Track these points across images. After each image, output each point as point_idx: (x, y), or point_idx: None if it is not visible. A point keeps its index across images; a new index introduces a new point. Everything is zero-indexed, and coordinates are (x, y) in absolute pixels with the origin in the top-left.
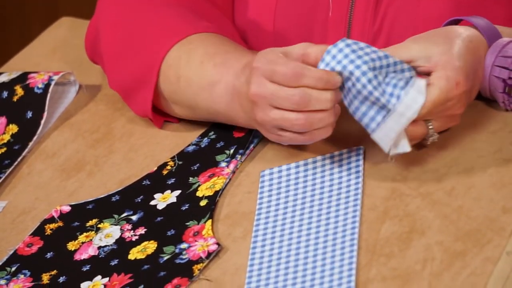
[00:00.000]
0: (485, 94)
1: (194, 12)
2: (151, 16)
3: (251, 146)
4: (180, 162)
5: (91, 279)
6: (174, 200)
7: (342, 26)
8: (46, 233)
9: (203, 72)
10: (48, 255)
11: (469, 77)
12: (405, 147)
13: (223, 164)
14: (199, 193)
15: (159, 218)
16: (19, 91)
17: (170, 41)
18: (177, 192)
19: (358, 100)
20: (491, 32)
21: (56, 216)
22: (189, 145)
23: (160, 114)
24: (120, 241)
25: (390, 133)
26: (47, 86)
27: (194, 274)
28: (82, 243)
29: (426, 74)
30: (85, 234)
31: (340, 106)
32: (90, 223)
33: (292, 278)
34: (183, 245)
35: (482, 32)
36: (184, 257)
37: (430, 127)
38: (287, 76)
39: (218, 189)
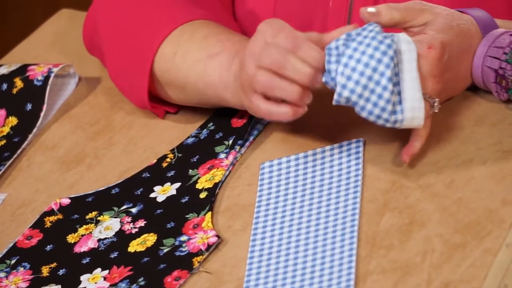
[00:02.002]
0: (480, 85)
1: (194, 2)
2: (151, 5)
3: (251, 138)
4: (179, 155)
5: (91, 272)
6: (174, 192)
7: (342, 16)
8: (46, 226)
9: (205, 45)
10: (48, 247)
11: (446, 50)
12: (420, 119)
13: (222, 156)
14: (198, 186)
15: (158, 211)
16: (19, 83)
17: (173, 24)
18: (177, 185)
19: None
20: (487, 23)
21: (55, 208)
22: (188, 137)
23: (159, 103)
24: (120, 233)
25: (415, 94)
26: (46, 78)
27: (194, 267)
28: (82, 235)
29: None
30: (84, 226)
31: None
32: (90, 215)
33: (292, 270)
34: (183, 238)
35: (478, 22)
36: (184, 249)
37: (426, 95)
38: (287, 40)
39: (217, 181)
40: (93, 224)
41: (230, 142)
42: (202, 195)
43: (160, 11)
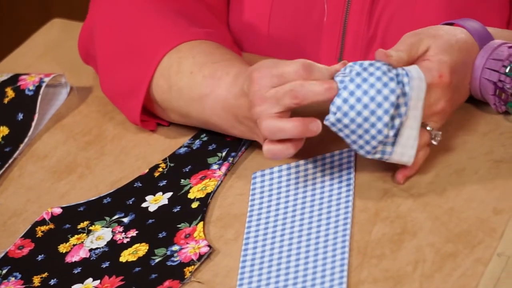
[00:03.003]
0: (476, 96)
1: (185, 17)
2: (143, 22)
3: (243, 148)
4: (171, 164)
5: (82, 282)
6: (166, 202)
7: (337, 31)
8: (37, 236)
9: (194, 83)
10: (39, 257)
11: (455, 72)
12: (410, 157)
13: (215, 167)
14: (190, 195)
15: (150, 220)
16: (10, 93)
17: (160, 51)
18: (169, 194)
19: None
20: (481, 34)
21: (47, 218)
22: (180, 147)
23: (153, 117)
24: (112, 243)
25: (412, 133)
26: (38, 88)
27: (186, 277)
28: (74, 245)
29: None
30: (76, 236)
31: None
32: (82, 225)
33: (284, 280)
34: (175, 247)
35: (473, 34)
36: (175, 259)
37: (428, 128)
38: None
39: (209, 191)
40: (84, 234)
41: (224, 154)
42: (194, 205)
43: (149, 32)
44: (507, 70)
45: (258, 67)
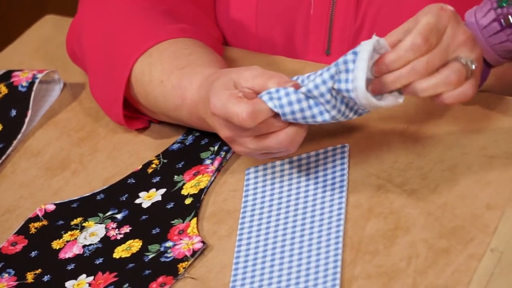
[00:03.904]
0: (491, 56)
1: (165, 13)
2: (120, 24)
3: None
4: (165, 160)
5: (75, 278)
6: (159, 198)
7: (324, 24)
8: (31, 232)
9: (165, 93)
10: (33, 254)
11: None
12: (398, 98)
13: (208, 162)
14: (184, 191)
15: (144, 217)
16: (3, 89)
17: (132, 56)
18: (162, 191)
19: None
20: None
21: (40, 214)
22: (174, 143)
23: (141, 114)
24: (105, 239)
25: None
26: (31, 84)
27: (179, 273)
28: (67, 241)
29: None
30: (69, 232)
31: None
32: (75, 221)
33: (278, 276)
34: (168, 244)
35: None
36: (169, 255)
37: (461, 59)
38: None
39: (203, 187)
40: (78, 230)
41: (216, 148)
42: (188, 201)
43: (126, 32)
44: (499, 2)
45: (214, 96)
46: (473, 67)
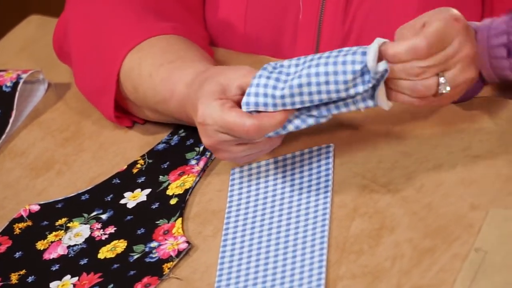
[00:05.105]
0: (488, 73)
1: (154, 12)
2: (110, 18)
3: None
4: (150, 161)
5: (60, 279)
6: (144, 198)
7: (312, 28)
8: (15, 233)
9: (154, 87)
10: (17, 254)
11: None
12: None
13: (193, 162)
14: (169, 192)
15: (129, 217)
16: None
17: (122, 50)
18: (147, 191)
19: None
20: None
21: (25, 215)
22: (159, 143)
23: (128, 113)
24: (90, 240)
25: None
26: (15, 84)
27: (164, 273)
28: (51, 242)
29: None
30: (54, 233)
31: None
32: (60, 222)
33: (263, 276)
34: (153, 244)
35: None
36: (154, 255)
37: (442, 80)
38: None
39: (188, 187)
40: (62, 231)
41: (201, 148)
42: (173, 201)
43: (115, 28)
44: None
45: (202, 104)
46: (446, 90)
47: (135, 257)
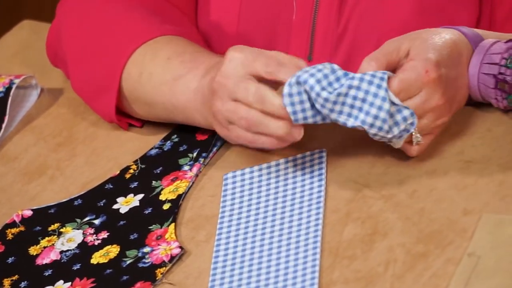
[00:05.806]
0: (475, 96)
1: (158, 16)
2: (115, 19)
3: (214, 149)
4: (143, 166)
5: (53, 284)
6: (137, 204)
7: (306, 29)
8: (8, 238)
9: (169, 67)
10: (10, 260)
11: (442, 66)
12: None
13: (186, 168)
14: (162, 197)
15: (122, 222)
16: None
17: (135, 43)
18: (140, 196)
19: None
20: (475, 36)
21: (17, 220)
22: (152, 148)
23: (124, 116)
24: (83, 245)
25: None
26: (8, 89)
27: (157, 278)
28: (44, 247)
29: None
30: (47, 238)
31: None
32: (52, 227)
33: (255, 281)
34: (146, 249)
35: (466, 35)
36: (147, 261)
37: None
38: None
39: (181, 192)
40: (55, 236)
41: (195, 154)
42: (166, 206)
43: (123, 27)
44: (508, 62)
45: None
46: (418, 140)
47: (128, 262)
